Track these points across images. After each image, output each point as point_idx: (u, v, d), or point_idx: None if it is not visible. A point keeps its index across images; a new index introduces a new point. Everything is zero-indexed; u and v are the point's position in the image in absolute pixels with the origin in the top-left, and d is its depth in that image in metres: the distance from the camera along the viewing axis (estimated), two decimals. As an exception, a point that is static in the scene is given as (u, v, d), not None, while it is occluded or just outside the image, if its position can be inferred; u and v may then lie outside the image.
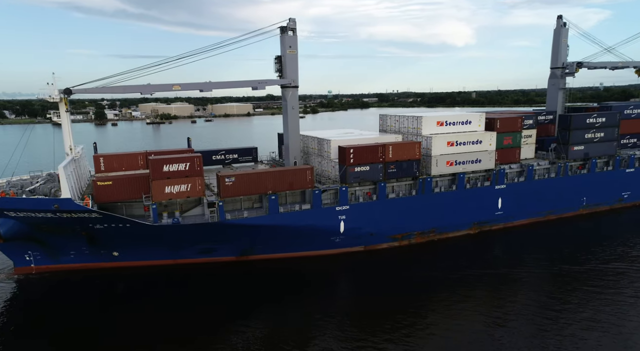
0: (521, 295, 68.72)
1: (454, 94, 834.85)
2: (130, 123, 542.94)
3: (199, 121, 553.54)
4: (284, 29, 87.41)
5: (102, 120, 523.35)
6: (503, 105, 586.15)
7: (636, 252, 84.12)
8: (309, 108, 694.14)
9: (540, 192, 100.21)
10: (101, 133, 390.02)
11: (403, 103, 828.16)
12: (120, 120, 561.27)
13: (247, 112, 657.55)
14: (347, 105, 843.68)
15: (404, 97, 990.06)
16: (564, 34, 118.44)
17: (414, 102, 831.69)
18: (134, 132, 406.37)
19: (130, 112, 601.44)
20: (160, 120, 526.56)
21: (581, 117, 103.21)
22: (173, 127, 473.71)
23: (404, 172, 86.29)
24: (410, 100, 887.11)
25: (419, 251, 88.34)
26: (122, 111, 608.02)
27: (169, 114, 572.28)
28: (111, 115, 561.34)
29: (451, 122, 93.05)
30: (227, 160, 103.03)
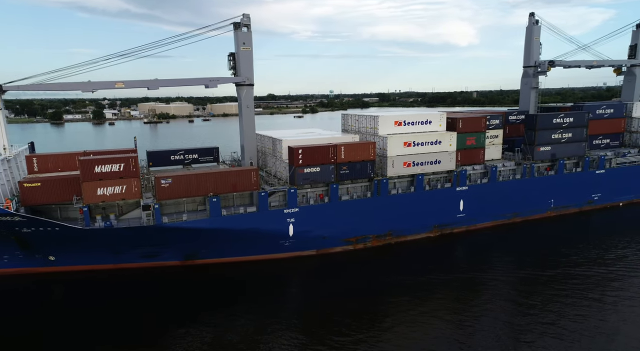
0: (484, 300, 64.97)
1: (454, 94, 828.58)
2: (129, 122, 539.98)
3: (196, 120, 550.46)
4: (237, 25, 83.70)
5: (100, 120, 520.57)
6: (502, 105, 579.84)
7: (605, 255, 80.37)
8: (308, 108, 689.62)
9: (505, 194, 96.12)
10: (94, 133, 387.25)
11: (404, 103, 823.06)
12: (119, 119, 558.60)
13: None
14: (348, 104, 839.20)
15: (405, 96, 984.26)
16: (536, 32, 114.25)
17: (414, 102, 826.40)
18: (129, 131, 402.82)
19: (129, 111, 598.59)
20: (157, 119, 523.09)
21: (547, 117, 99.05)
22: (170, 126, 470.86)
23: (357, 173, 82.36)
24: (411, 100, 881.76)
25: (375, 255, 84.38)
26: (121, 111, 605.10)
27: (167, 114, 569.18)
28: (110, 115, 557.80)
29: (410, 122, 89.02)
30: (187, 160, 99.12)
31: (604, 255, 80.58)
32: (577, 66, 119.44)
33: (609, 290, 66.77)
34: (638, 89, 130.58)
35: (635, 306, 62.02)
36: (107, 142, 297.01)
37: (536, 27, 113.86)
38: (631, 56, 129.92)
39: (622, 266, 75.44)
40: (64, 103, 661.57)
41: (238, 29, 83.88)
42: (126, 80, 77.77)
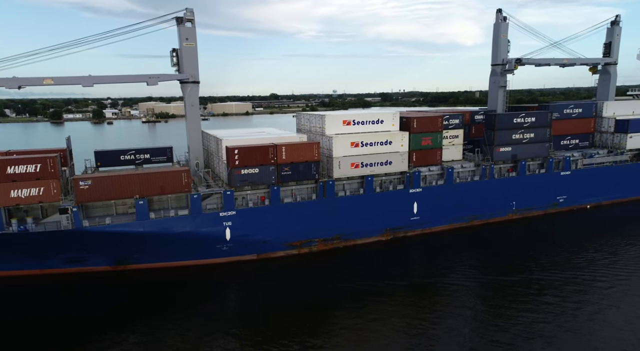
0: (441, 306, 61.11)
1: (457, 94, 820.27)
2: (128, 122, 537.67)
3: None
4: (180, 19, 79.51)
5: (99, 119, 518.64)
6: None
7: (571, 259, 76.33)
8: (308, 108, 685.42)
9: (463, 196, 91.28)
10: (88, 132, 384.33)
11: (405, 103, 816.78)
12: (119, 119, 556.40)
13: (246, 111, 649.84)
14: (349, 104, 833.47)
15: (408, 96, 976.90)
16: (504, 29, 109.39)
17: (416, 102, 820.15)
18: (126, 130, 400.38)
19: (129, 111, 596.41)
20: (156, 119, 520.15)
21: (507, 117, 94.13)
22: (168, 125, 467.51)
23: (301, 174, 77.88)
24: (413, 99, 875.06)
25: (322, 259, 79.94)
26: (122, 110, 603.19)
27: (167, 113, 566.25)
28: (110, 114, 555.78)
29: (360, 122, 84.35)
30: (138, 161, 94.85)
31: (569, 259, 76.48)
32: (546, 64, 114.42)
33: (572, 295, 63.11)
34: (613, 88, 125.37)
35: (599, 312, 58.50)
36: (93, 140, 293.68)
37: (504, 24, 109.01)
38: (606, 54, 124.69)
39: (587, 270, 71.59)
40: (66, 102, 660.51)
41: (181, 23, 79.75)
42: (56, 77, 73.84)
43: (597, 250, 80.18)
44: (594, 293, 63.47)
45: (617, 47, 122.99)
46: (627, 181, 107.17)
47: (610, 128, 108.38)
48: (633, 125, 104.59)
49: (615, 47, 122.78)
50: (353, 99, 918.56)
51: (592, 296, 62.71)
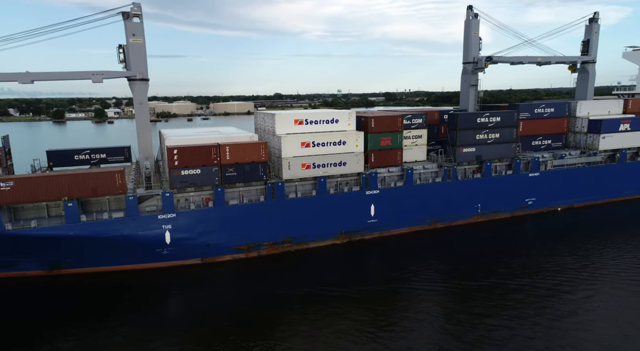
0: (395, 314, 57.40)
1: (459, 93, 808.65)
2: (130, 121, 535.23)
3: (196, 119, 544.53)
4: (126, 14, 75.69)
5: (100, 118, 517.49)
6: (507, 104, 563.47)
7: (538, 264, 72.18)
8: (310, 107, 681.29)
9: (424, 198, 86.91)
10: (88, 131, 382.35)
11: (409, 102, 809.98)
12: (122, 118, 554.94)
13: (247, 110, 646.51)
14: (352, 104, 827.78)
15: (413, 96, 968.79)
16: (475, 26, 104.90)
17: (419, 101, 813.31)
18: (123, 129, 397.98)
19: (131, 110, 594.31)
20: (156, 118, 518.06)
21: (470, 117, 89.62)
22: (167, 124, 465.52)
23: (247, 175, 73.94)
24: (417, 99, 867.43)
25: (270, 263, 75.90)
26: (124, 109, 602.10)
27: (168, 112, 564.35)
28: (112, 114, 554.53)
29: (313, 121, 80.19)
30: (94, 160, 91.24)
31: (535, 264, 72.34)
32: (519, 62, 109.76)
33: (538, 302, 59.18)
34: (591, 87, 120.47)
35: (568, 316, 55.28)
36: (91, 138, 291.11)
37: (474, 21, 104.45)
38: (584, 52, 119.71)
39: (557, 275, 67.80)
40: (70, 102, 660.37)
41: (127, 19, 75.87)
42: (-11, 74, 70.01)
43: (568, 254, 75.94)
44: (563, 299, 60.05)
45: (595, 45, 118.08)
46: (600, 183, 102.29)
47: (583, 128, 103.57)
48: (606, 125, 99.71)
49: (594, 45, 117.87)
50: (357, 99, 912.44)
51: (562, 302, 59.36)
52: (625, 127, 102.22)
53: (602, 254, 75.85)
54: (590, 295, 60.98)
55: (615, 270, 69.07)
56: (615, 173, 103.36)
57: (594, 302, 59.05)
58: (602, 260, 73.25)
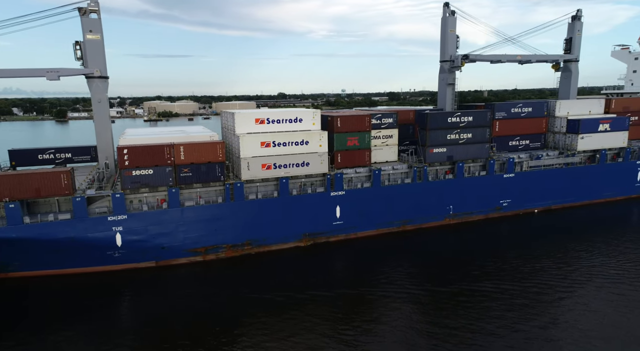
0: (361, 320, 54.16)
1: (465, 93, 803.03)
2: (132, 120, 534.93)
3: (197, 118, 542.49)
4: (83, 10, 72.74)
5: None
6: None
7: (517, 267, 69.03)
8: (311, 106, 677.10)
9: (392, 200, 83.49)
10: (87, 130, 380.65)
11: (412, 102, 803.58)
12: (124, 117, 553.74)
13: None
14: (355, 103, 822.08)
15: (417, 95, 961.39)
16: (451, 23, 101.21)
17: (423, 101, 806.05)
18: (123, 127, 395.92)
19: (133, 109, 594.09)
20: (157, 117, 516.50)
21: (440, 116, 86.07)
22: (168, 124, 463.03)
23: (203, 176, 70.87)
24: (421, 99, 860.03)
25: (229, 267, 72.87)
26: (127, 109, 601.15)
27: (170, 112, 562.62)
28: (114, 113, 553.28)
29: (275, 120, 76.96)
30: (59, 160, 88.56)
31: (512, 267, 69.09)
32: (498, 61, 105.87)
33: (515, 307, 56.28)
34: (574, 87, 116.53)
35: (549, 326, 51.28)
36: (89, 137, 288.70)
37: (451, 19, 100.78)
38: (567, 51, 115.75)
39: (531, 279, 64.47)
40: (74, 101, 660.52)
41: (84, 14, 72.93)
42: None
43: (546, 256, 72.69)
44: (541, 303, 57.38)
45: (578, 44, 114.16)
46: (579, 184, 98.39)
47: (562, 128, 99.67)
48: (584, 125, 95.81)
49: (577, 43, 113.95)
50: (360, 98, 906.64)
51: (540, 306, 56.72)
52: (605, 127, 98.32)
53: (580, 257, 72.69)
54: (568, 299, 58.36)
55: (593, 274, 66.04)
56: (594, 175, 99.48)
57: (574, 306, 56.45)
58: (580, 264, 70.03)
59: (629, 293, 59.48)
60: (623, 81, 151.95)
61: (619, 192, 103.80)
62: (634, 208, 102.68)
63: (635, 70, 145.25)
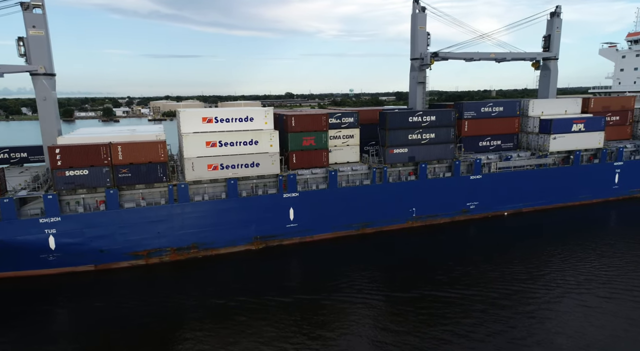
0: (315, 329, 50.21)
1: (472, 93, 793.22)
2: (138, 119, 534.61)
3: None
4: (25, 5, 69.25)
5: (108, 117, 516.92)
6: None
7: (485, 272, 64.64)
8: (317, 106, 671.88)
9: (350, 201, 79.10)
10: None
11: (459, 102, 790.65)
12: (130, 117, 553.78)
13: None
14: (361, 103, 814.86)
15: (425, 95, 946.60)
16: (421, 20, 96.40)
17: (430, 100, 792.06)
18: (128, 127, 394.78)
19: (139, 109, 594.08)
20: (161, 117, 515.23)
21: (400, 115, 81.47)
22: (172, 123, 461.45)
23: (143, 177, 67.04)
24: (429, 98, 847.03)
25: (174, 271, 68.96)
26: (133, 108, 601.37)
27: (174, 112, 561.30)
28: (120, 113, 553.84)
29: (224, 119, 72.91)
30: (13, 159, 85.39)
31: (479, 272, 64.69)
32: (470, 59, 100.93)
33: (482, 315, 52.21)
34: (554, 85, 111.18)
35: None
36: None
37: (421, 15, 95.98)
38: (545, 48, 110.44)
39: (499, 285, 60.06)
40: (83, 101, 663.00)
41: (27, 9, 69.39)
42: None
43: (518, 261, 67.96)
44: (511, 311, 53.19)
45: (557, 41, 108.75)
46: (552, 186, 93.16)
47: (535, 128, 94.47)
48: (556, 125, 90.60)
49: (555, 40, 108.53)
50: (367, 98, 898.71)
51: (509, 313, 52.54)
52: (579, 128, 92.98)
53: (551, 261, 67.91)
54: (540, 305, 54.21)
55: (563, 279, 61.67)
56: (568, 177, 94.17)
57: (546, 313, 52.46)
58: (551, 268, 65.35)
59: (592, 301, 55.06)
60: (611, 80, 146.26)
61: (595, 195, 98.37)
62: (611, 211, 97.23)
63: (623, 69, 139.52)
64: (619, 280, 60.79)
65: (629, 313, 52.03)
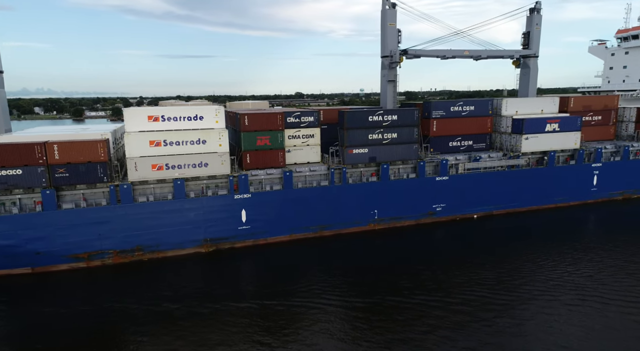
0: (268, 336, 46.45)
1: (483, 92, 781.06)
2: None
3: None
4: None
5: (116, 116, 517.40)
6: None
7: (452, 277, 60.01)
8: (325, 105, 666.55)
9: (307, 203, 74.94)
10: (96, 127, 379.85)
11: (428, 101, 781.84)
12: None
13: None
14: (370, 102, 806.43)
15: (436, 95, 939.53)
16: (391, 16, 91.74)
17: (441, 100, 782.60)
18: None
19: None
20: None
21: (359, 115, 77.06)
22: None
23: (82, 177, 63.53)
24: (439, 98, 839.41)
25: (117, 274, 65.44)
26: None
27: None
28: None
29: (171, 117, 69.13)
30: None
31: (446, 277, 60.16)
32: (441, 56, 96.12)
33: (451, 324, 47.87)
34: (534, 84, 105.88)
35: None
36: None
37: (391, 12, 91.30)
38: (525, 45, 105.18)
39: (467, 291, 55.44)
40: (95, 101, 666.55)
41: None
42: None
43: (490, 267, 63.12)
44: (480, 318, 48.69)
45: (537, 38, 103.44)
46: (525, 188, 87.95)
47: (508, 128, 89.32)
48: (528, 125, 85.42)
49: (535, 37, 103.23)
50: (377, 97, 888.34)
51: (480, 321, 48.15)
52: (554, 127, 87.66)
53: (522, 266, 63.11)
54: (500, 312, 49.02)
55: (533, 286, 56.83)
56: (543, 178, 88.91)
57: (506, 320, 48.19)
58: (521, 274, 60.48)
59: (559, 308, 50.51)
60: (600, 79, 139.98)
61: (572, 197, 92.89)
62: (589, 215, 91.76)
63: (612, 67, 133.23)
64: (590, 287, 55.91)
65: (593, 322, 47.46)
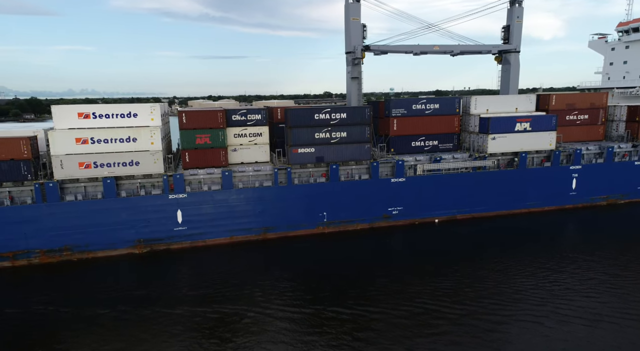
0: (199, 341, 43.15)
1: (487, 91, 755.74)
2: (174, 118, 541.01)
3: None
4: None
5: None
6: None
7: (408, 286, 54.70)
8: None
9: (248, 204, 70.10)
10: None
11: (388, 99, 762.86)
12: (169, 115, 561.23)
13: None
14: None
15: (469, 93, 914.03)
16: (354, 10, 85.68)
17: (403, 98, 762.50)
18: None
19: (177, 108, 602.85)
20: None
21: (304, 112, 71.52)
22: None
23: (5, 175, 60.92)
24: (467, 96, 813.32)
25: (44, 274, 62.38)
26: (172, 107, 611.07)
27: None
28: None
29: (103, 115, 65.64)
30: None
31: (401, 285, 54.86)
32: (409, 52, 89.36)
33: (403, 336, 43.24)
34: (515, 80, 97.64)
35: None
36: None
37: (354, 5, 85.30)
38: (505, 40, 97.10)
39: (426, 300, 50.46)
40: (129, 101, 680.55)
41: None
42: None
43: (451, 274, 57.58)
44: (439, 329, 44.02)
45: (518, 32, 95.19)
46: (492, 192, 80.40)
47: (475, 127, 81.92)
48: (494, 124, 77.88)
49: (516, 32, 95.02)
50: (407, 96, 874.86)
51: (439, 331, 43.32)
52: (524, 127, 79.71)
53: (480, 274, 57.42)
54: (449, 327, 43.16)
55: (495, 296, 51.37)
56: (513, 181, 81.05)
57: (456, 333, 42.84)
58: (482, 283, 54.84)
59: (521, 323, 43.83)
60: (600, 76, 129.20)
61: (547, 202, 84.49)
62: (567, 220, 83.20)
63: (612, 63, 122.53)
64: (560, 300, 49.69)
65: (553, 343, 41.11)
